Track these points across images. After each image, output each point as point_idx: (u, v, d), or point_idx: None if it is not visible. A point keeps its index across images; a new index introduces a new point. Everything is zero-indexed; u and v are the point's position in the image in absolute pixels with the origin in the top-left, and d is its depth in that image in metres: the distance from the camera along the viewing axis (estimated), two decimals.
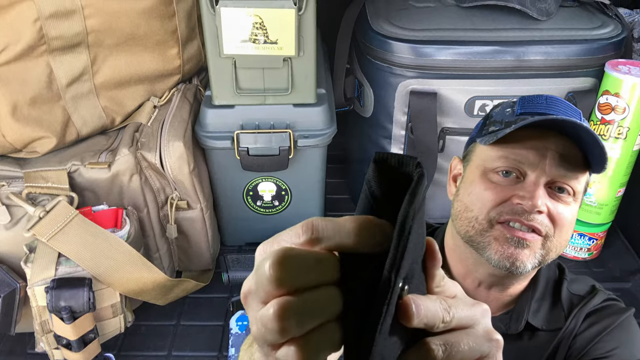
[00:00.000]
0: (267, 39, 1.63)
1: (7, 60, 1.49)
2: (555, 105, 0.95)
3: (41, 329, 1.51)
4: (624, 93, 1.72)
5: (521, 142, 0.93)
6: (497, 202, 0.93)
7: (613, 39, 1.83)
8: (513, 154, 0.93)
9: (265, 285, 0.39)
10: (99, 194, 1.64)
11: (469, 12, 1.92)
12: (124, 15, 1.61)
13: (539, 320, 1.04)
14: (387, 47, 1.82)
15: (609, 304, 1.04)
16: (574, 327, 1.01)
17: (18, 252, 1.51)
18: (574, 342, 1.00)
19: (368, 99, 1.97)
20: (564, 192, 0.93)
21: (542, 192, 0.91)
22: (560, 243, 0.94)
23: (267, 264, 0.39)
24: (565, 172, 0.92)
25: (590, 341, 0.98)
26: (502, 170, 0.94)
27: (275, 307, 0.38)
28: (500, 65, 1.79)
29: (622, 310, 1.02)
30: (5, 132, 1.54)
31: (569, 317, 1.03)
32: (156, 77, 1.79)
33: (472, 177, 0.98)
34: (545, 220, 0.91)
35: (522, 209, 0.90)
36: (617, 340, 0.97)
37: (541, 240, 0.91)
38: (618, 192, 1.88)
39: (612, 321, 0.99)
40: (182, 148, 1.64)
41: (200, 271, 1.97)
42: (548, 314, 1.05)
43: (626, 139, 1.76)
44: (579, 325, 1.01)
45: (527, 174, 0.93)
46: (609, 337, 0.97)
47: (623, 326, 0.99)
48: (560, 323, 1.04)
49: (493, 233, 0.92)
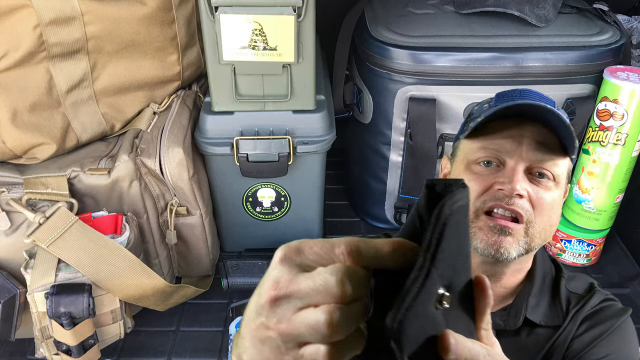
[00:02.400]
0: (266, 46, 1.63)
1: (7, 67, 1.50)
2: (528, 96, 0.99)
3: (41, 334, 1.51)
4: (622, 99, 1.72)
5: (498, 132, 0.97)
6: (481, 191, 0.96)
7: (612, 46, 1.83)
8: (491, 144, 0.97)
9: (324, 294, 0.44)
10: (98, 200, 1.64)
11: (467, 18, 1.93)
12: (124, 21, 1.62)
13: (537, 315, 1.04)
14: (386, 53, 1.82)
15: (607, 304, 1.05)
16: (571, 329, 1.02)
17: (18, 258, 1.51)
18: (571, 345, 1.00)
19: (367, 105, 1.98)
20: (544, 177, 0.96)
21: (521, 177, 0.94)
22: (544, 228, 0.96)
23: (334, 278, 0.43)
24: (542, 157, 0.95)
25: (587, 345, 0.98)
26: (483, 161, 0.98)
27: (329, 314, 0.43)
28: (499, 72, 1.80)
29: (619, 312, 1.03)
30: (5, 139, 1.54)
31: (567, 316, 1.03)
32: (156, 84, 1.79)
33: (458, 171, 1.02)
34: (525, 204, 0.93)
35: (503, 194, 0.94)
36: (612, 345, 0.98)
37: (523, 227, 0.94)
38: (617, 198, 1.89)
39: (609, 326, 1.00)
40: (181, 154, 1.64)
41: (200, 277, 1.97)
42: (547, 309, 1.05)
43: (625, 145, 1.77)
44: (576, 327, 1.02)
45: (506, 161, 0.96)
46: (605, 341, 0.98)
47: (620, 330, 1.00)
48: (558, 320, 1.04)
49: (478, 224, 0.94)
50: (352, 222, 2.26)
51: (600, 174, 1.84)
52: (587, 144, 1.85)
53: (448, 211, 0.43)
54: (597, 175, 1.85)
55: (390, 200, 2.10)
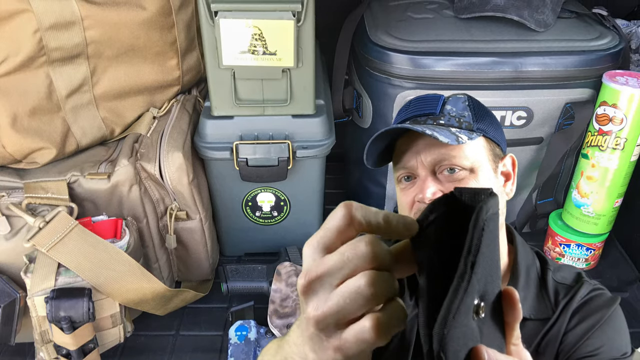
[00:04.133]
0: (266, 50, 1.63)
1: (7, 72, 1.50)
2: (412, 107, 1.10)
3: (41, 339, 1.51)
4: (621, 104, 1.73)
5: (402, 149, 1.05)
6: (410, 204, 1.04)
7: (611, 50, 1.84)
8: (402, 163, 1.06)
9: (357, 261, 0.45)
10: (98, 205, 1.64)
11: (467, 23, 1.93)
12: (124, 26, 1.62)
13: (526, 309, 1.04)
14: (386, 58, 1.83)
15: (596, 294, 1.05)
16: (562, 322, 1.02)
17: (18, 262, 1.52)
18: (564, 338, 1.01)
19: (366, 109, 1.98)
20: (454, 171, 1.01)
21: (430, 183, 1.01)
22: None
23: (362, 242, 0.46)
24: (439, 157, 1.01)
25: (580, 338, 0.99)
26: (403, 177, 1.07)
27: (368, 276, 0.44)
28: (498, 77, 1.80)
29: (609, 302, 1.03)
30: (5, 143, 1.55)
31: (556, 308, 1.04)
32: (155, 88, 1.80)
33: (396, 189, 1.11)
34: None
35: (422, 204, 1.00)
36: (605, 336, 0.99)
37: None
38: (615, 202, 1.89)
39: (600, 316, 1.00)
40: (181, 159, 1.65)
41: (200, 281, 1.97)
42: (534, 302, 1.05)
43: (624, 149, 1.77)
44: (567, 320, 1.02)
45: (416, 173, 1.04)
46: (598, 332, 0.99)
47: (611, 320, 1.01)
48: (547, 312, 1.04)
49: None
50: None
51: (599, 178, 1.84)
52: (586, 149, 1.85)
53: (485, 217, 0.43)
54: (596, 180, 1.85)
55: (389, 204, 2.10)
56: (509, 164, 1.11)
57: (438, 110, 1.07)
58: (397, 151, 1.07)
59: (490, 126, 1.08)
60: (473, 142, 1.03)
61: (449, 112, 1.07)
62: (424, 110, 1.08)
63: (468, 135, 1.01)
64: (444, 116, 1.06)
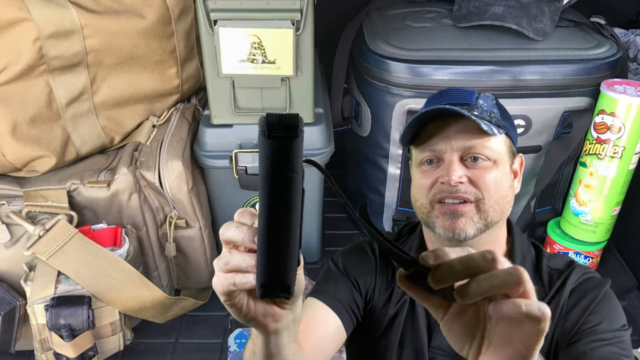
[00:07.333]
0: (265, 59, 1.64)
1: (7, 80, 1.51)
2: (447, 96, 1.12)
3: (41, 346, 1.52)
4: (619, 112, 1.73)
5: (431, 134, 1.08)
6: (429, 186, 1.07)
7: (609, 59, 1.84)
8: (428, 146, 1.08)
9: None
10: (98, 213, 1.65)
11: (465, 32, 1.94)
12: (123, 35, 1.62)
13: None
14: (385, 66, 1.83)
15: (588, 276, 1.10)
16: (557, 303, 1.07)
17: (18, 270, 1.52)
18: (567, 318, 1.05)
19: (365, 118, 1.99)
20: (478, 159, 1.05)
21: (457, 167, 1.04)
22: (496, 202, 1.04)
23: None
24: (469, 144, 1.04)
25: (582, 315, 1.04)
26: (427, 160, 1.09)
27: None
28: (497, 85, 1.81)
29: (601, 282, 1.08)
30: (5, 152, 1.55)
31: (550, 290, 1.09)
32: (155, 97, 1.80)
33: (413, 173, 1.14)
34: (468, 187, 1.04)
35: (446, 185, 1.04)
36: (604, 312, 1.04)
37: (473, 206, 1.03)
38: (614, 210, 1.89)
39: (596, 294, 1.05)
40: (180, 167, 1.65)
41: (199, 289, 1.97)
42: None
43: (622, 158, 1.77)
44: (565, 301, 1.07)
45: (442, 157, 1.06)
46: (597, 308, 1.04)
47: (605, 298, 1.06)
48: (540, 294, 1.08)
49: (434, 212, 1.05)
50: (350, 234, 2.27)
51: (597, 186, 1.85)
52: (585, 157, 1.86)
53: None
54: (594, 188, 1.85)
55: (388, 212, 2.11)
56: (518, 163, 1.15)
57: (473, 102, 1.10)
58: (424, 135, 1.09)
59: (511, 126, 1.13)
60: (500, 137, 1.07)
61: (481, 105, 1.10)
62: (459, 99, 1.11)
63: (497, 130, 1.05)
64: (478, 109, 1.09)
